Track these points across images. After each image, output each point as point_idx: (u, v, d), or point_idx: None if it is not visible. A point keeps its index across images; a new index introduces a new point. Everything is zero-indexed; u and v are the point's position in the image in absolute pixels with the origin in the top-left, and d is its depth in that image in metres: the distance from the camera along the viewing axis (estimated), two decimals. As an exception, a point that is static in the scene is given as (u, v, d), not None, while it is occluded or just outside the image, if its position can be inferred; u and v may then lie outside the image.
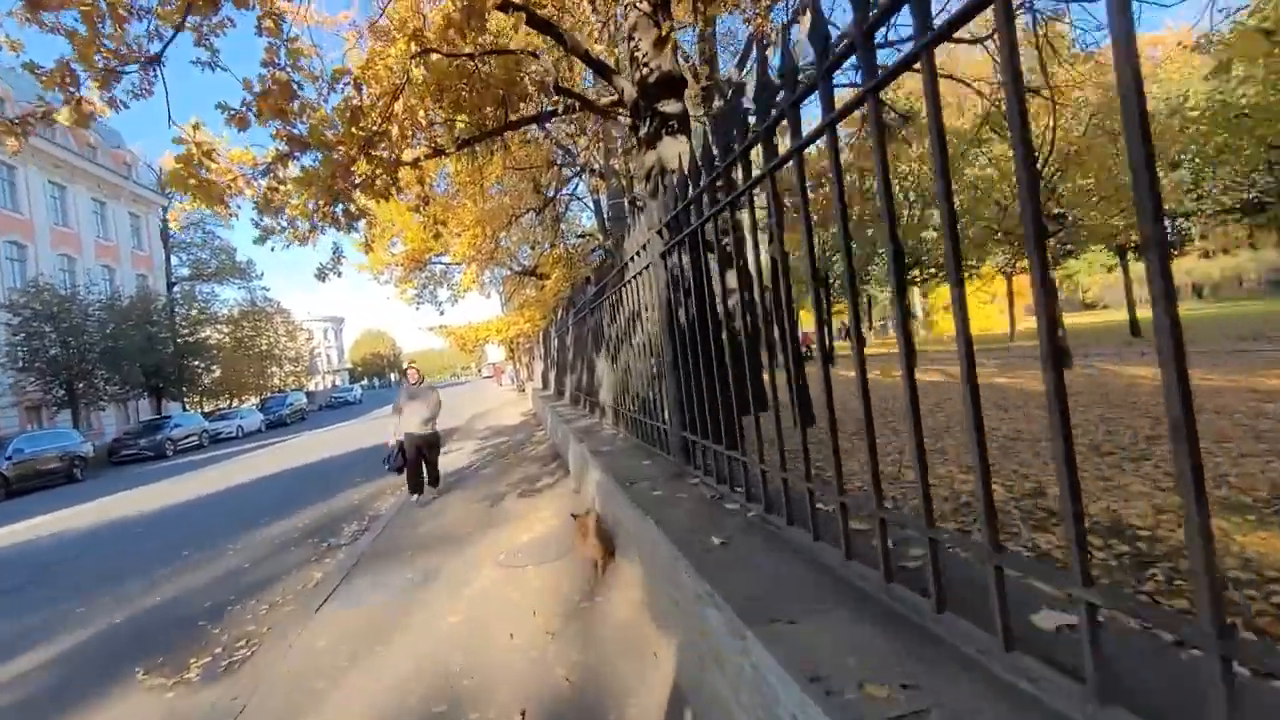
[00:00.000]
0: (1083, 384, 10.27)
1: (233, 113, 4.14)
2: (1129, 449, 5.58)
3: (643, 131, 4.75)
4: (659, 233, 3.14)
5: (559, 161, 14.09)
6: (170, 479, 14.42)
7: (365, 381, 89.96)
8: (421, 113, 5.07)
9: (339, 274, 7.41)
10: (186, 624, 4.50)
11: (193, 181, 5.47)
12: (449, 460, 9.93)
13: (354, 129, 4.42)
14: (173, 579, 5.83)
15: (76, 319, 22.01)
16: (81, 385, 21.97)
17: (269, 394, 40.08)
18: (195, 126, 6.16)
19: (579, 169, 14.86)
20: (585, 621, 3.26)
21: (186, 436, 23.02)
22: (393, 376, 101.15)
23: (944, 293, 31.95)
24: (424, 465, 7.30)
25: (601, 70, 4.70)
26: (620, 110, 5.15)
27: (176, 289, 36.76)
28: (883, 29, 1.42)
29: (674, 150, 4.71)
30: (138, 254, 33.71)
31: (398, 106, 4.74)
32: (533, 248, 21.21)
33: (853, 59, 1.39)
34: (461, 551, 5.00)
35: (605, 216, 16.69)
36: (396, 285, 19.71)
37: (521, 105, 5.79)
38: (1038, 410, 8.50)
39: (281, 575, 5.53)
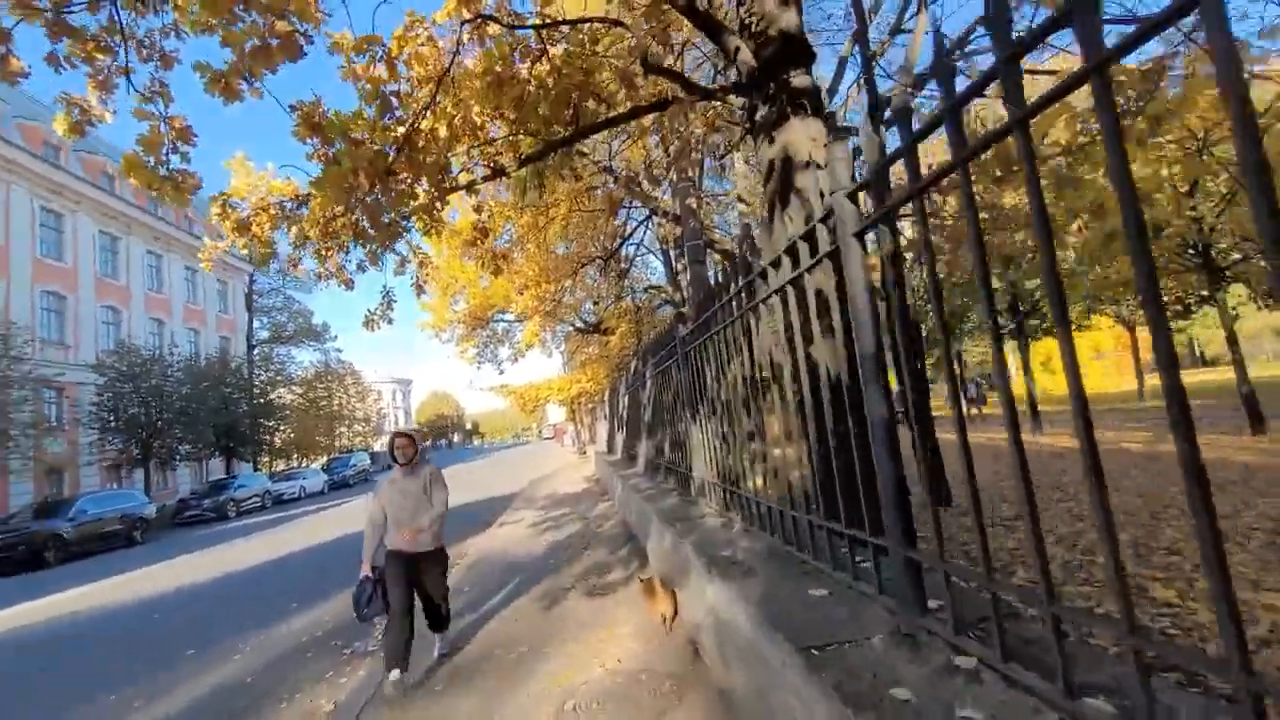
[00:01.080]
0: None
1: (217, 74, 3.21)
2: None
3: (761, 114, 3.56)
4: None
5: (626, 204, 13.28)
6: (222, 545, 13.75)
7: (429, 442, 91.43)
8: (476, 109, 4.07)
9: (389, 320, 6.49)
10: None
11: (228, 221, 4.67)
12: (505, 537, 8.61)
13: (385, 123, 3.46)
14: (158, 693, 4.66)
15: (157, 379, 22.63)
16: (156, 444, 22.30)
17: (336, 454, 40.57)
18: (241, 161, 5.41)
19: (649, 213, 14.00)
20: None
21: (249, 498, 22.84)
22: (455, 437, 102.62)
23: (1042, 347, 29.10)
24: (419, 602, 4.28)
25: (710, 28, 3.60)
26: (723, 97, 3.99)
27: (256, 351, 38.26)
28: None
29: (804, 136, 3.47)
30: (222, 318, 35.37)
31: (446, 102, 3.77)
32: (595, 303, 20.47)
33: None
34: (513, 689, 3.59)
35: (674, 267, 15.69)
36: (458, 344, 19.26)
37: (596, 109, 4.75)
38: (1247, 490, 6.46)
39: (285, 696, 4.27)
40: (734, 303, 3.13)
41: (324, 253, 4.22)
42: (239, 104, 3.47)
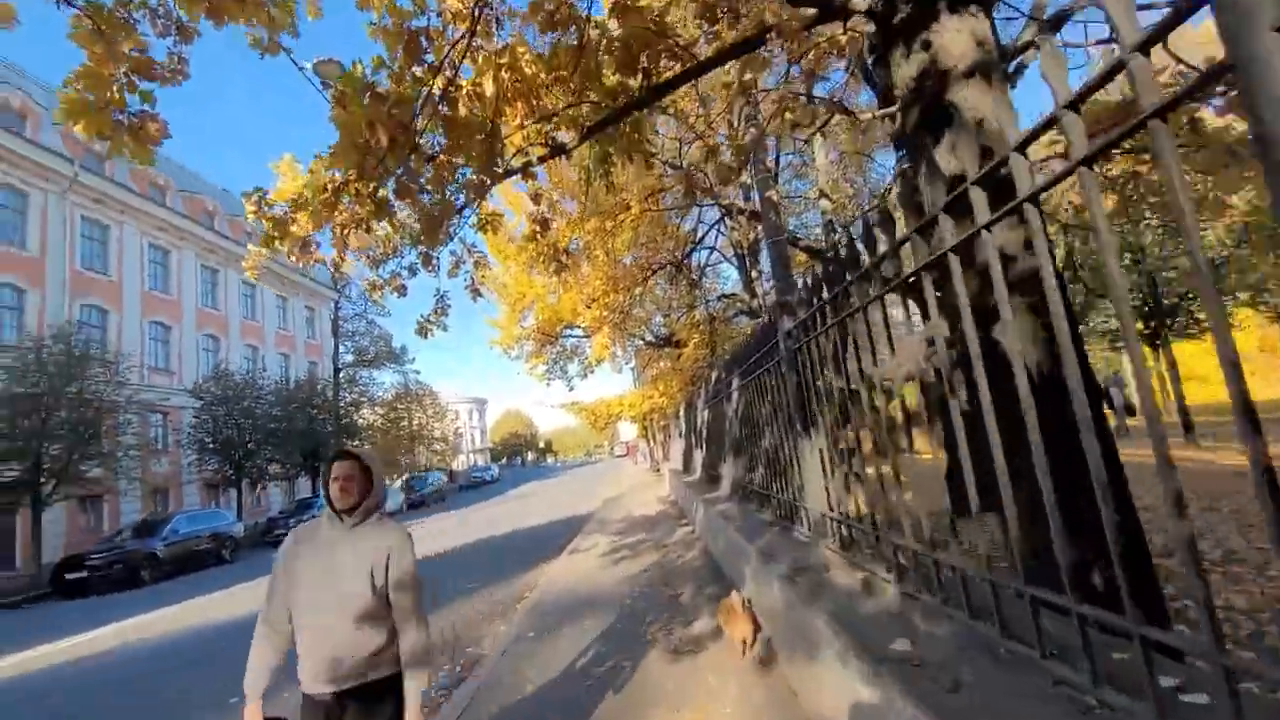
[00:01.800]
0: None
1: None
2: None
3: (901, 15, 2.61)
4: None
5: (699, 204, 12.42)
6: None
7: (504, 460, 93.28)
8: (526, 58, 3.33)
9: (443, 327, 5.88)
10: None
11: (267, 221, 4.16)
12: (575, 568, 7.80)
13: (416, 74, 2.76)
14: None
15: (248, 402, 23.66)
16: (248, 464, 23.23)
17: (415, 473, 41.58)
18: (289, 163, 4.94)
19: (720, 216, 13.08)
20: None
21: (331, 517, 23.32)
22: (529, 456, 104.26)
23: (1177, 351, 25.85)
24: None
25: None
26: (844, 12, 3.04)
27: (341, 374, 39.92)
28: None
29: (961, 36, 2.50)
30: (310, 343, 37.14)
31: (489, 49, 3.07)
32: (665, 316, 19.67)
33: None
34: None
35: (749, 273, 14.65)
36: (527, 360, 18.90)
37: (668, 66, 3.93)
38: None
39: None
40: (867, 281, 2.18)
41: (342, 233, 3.55)
42: (283, 93, 2.96)
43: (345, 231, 3.37)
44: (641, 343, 20.53)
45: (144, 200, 25.12)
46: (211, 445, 22.42)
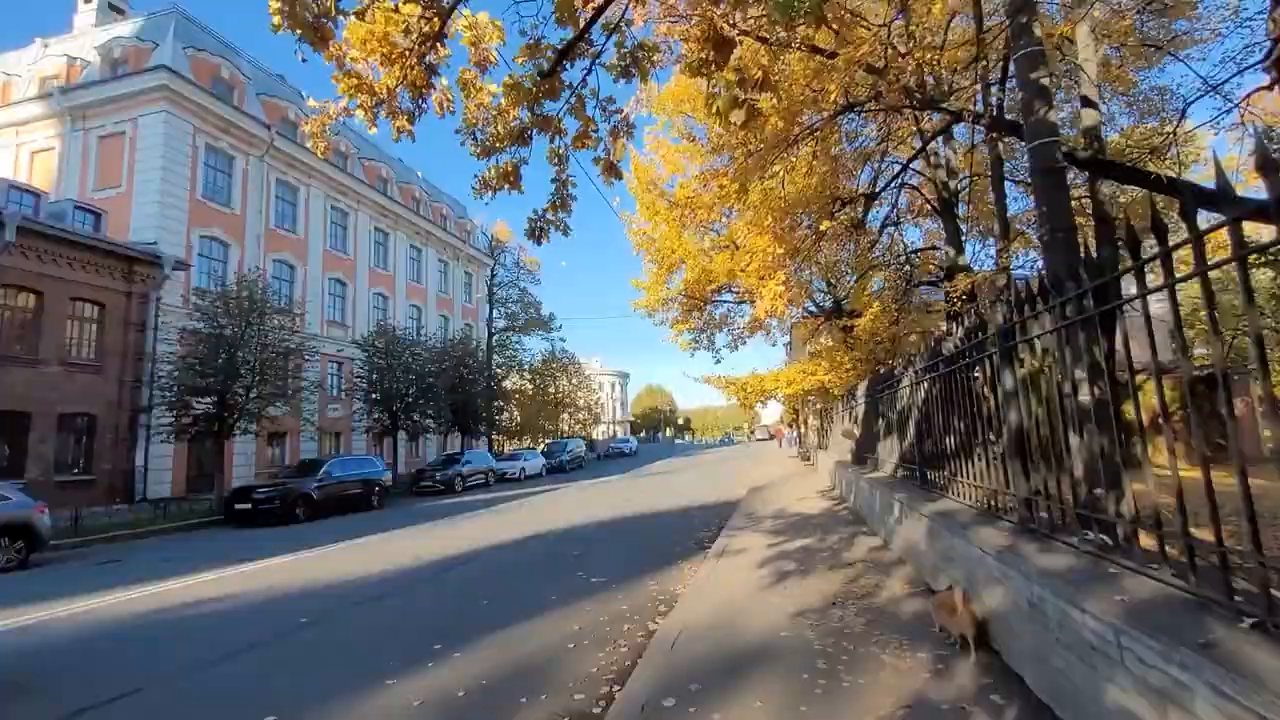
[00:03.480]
0: None
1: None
2: None
3: None
4: None
5: (876, 160, 9.61)
6: (439, 522, 13.36)
7: (643, 433, 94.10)
8: None
9: (564, 229, 4.17)
10: None
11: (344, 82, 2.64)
12: (726, 584, 5.85)
13: None
14: None
15: (408, 357, 24.64)
16: (403, 417, 24.25)
17: (554, 438, 42.36)
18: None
19: (918, 149, 10.11)
20: None
21: (475, 474, 23.70)
22: (668, 431, 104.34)
23: None
24: None
25: None
26: None
27: (495, 338, 41.46)
28: None
29: None
30: (466, 307, 38.76)
31: None
32: (832, 284, 16.82)
33: None
34: None
35: (956, 222, 11.51)
36: (672, 326, 17.17)
37: None
38: None
39: None
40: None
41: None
42: None
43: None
44: (802, 314, 17.92)
45: (328, 165, 26.94)
46: (374, 396, 23.58)
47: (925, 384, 5.75)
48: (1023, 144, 13.89)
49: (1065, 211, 5.65)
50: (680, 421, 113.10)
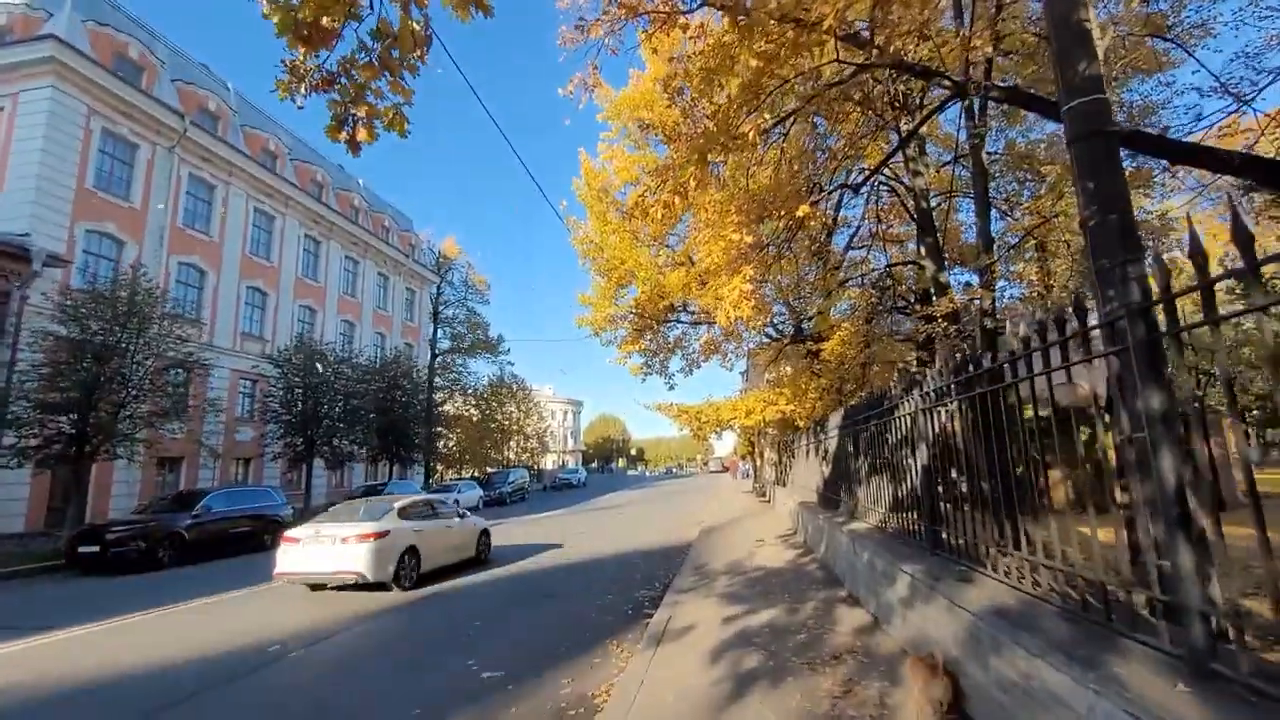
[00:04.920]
0: None
1: None
2: None
3: None
4: None
5: (879, 116, 8.30)
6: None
7: (595, 464, 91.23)
8: None
9: (397, 124, 2.43)
10: None
11: None
12: (662, 696, 4.05)
13: None
14: None
15: (330, 375, 22.12)
16: (321, 442, 21.63)
17: (498, 468, 39.72)
18: None
19: (898, 144, 8.86)
20: None
21: (398, 508, 21.18)
22: (620, 462, 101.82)
23: None
24: None
25: None
26: None
27: (439, 359, 38.91)
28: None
29: None
30: (407, 325, 36.18)
31: None
32: (794, 305, 15.50)
33: None
34: None
35: (934, 228, 10.31)
36: (621, 347, 15.51)
37: None
38: None
39: None
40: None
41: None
42: None
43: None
44: (761, 338, 16.56)
45: (253, 163, 24.52)
46: (287, 418, 20.95)
47: (945, 409, 4.20)
48: (1012, 131, 12.85)
49: (1117, 185, 4.26)
50: (633, 452, 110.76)
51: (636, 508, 24.96)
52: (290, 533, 9.25)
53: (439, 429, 36.07)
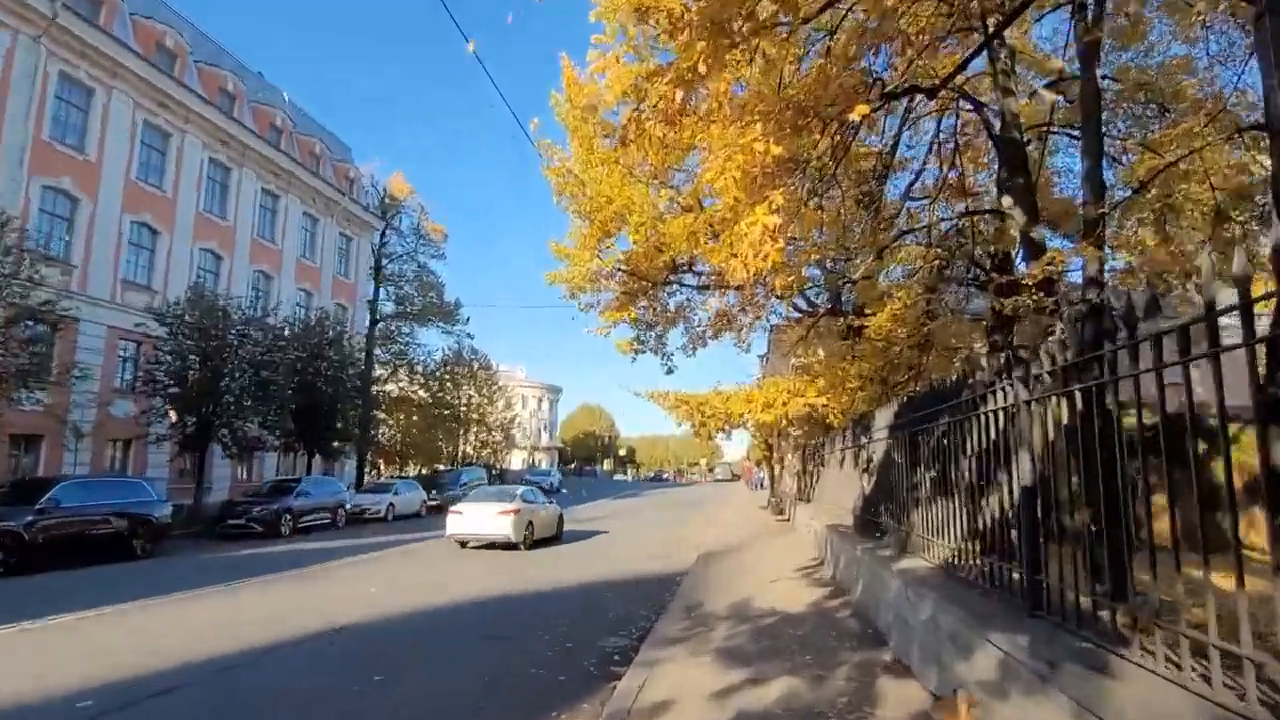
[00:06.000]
0: None
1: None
2: None
3: None
4: None
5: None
6: (213, 590, 10.26)
7: (572, 465, 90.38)
8: None
9: None
10: None
11: None
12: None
13: None
14: None
15: (232, 339, 21.22)
16: (219, 422, 20.78)
17: (452, 466, 38.90)
18: None
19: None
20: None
21: (314, 511, 20.42)
22: (605, 464, 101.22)
23: None
24: None
25: None
26: None
27: (380, 326, 38.00)
28: None
29: None
30: (341, 280, 35.08)
31: None
32: (828, 267, 14.49)
33: None
34: None
35: (1026, 165, 9.44)
36: (604, 314, 14.60)
37: None
38: None
39: None
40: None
41: None
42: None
43: None
44: (789, 309, 15.72)
45: (143, 62, 23.35)
46: (174, 390, 20.06)
47: (1068, 401, 3.37)
48: (1127, 53, 11.84)
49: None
50: (622, 452, 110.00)
51: (621, 520, 24.41)
52: (455, 507, 16.78)
53: (376, 412, 35.25)
